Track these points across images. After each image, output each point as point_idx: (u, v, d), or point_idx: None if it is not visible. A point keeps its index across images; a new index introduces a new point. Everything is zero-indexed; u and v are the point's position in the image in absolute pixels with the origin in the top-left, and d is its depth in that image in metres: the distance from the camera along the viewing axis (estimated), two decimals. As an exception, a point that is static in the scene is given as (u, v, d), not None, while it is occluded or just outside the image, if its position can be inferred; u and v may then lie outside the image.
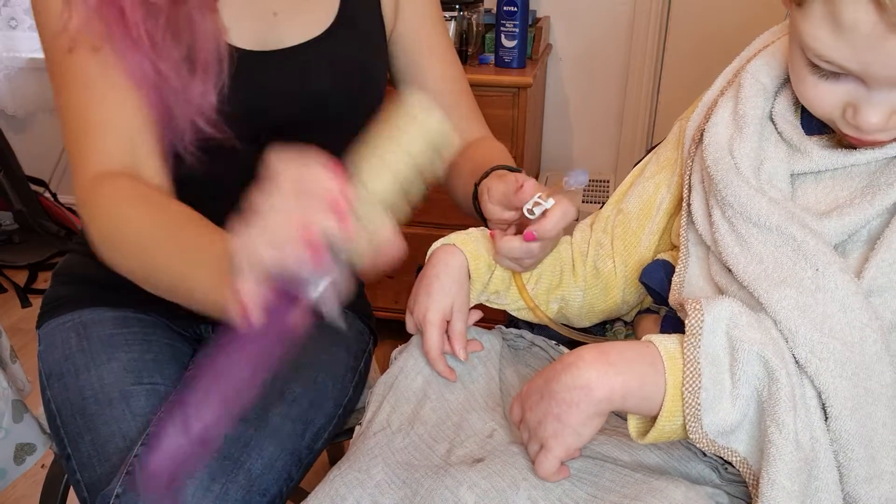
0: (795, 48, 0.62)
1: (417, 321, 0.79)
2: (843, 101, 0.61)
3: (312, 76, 0.89)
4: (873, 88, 0.58)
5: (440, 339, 0.78)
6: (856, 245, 0.65)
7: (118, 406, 0.86)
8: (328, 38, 0.90)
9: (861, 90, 0.59)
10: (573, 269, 0.84)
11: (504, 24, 1.81)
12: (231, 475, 0.77)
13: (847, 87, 0.60)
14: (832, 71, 0.59)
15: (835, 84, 0.61)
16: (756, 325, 0.61)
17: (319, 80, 0.90)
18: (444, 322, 0.79)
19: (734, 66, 0.78)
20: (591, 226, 0.87)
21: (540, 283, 0.83)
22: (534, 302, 0.82)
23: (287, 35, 0.88)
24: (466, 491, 0.63)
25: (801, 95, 0.64)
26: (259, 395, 0.84)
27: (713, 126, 0.73)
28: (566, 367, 0.62)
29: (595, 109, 2.22)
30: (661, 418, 0.61)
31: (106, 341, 0.92)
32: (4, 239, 2.54)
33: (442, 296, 0.78)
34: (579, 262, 0.84)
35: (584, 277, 0.84)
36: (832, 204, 0.66)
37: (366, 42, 0.95)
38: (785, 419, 0.57)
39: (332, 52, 0.90)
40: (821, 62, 0.59)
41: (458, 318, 0.79)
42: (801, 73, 0.62)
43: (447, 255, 0.79)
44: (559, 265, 0.84)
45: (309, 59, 0.89)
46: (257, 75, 0.86)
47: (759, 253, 0.65)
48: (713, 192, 0.70)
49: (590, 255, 0.84)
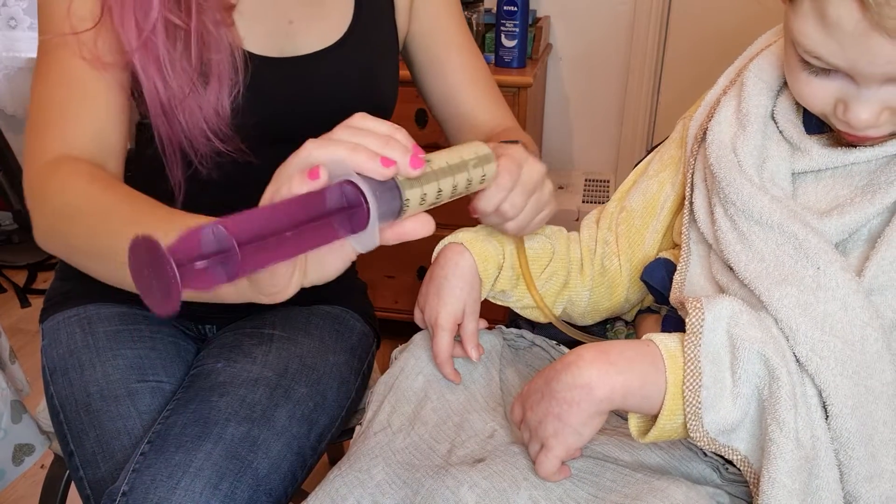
0: (788, 44, 0.63)
1: (428, 324, 0.79)
2: (835, 98, 0.61)
3: (327, 83, 0.90)
4: (862, 85, 0.59)
5: (450, 344, 0.78)
6: (856, 244, 0.65)
7: (124, 403, 0.86)
8: (343, 46, 0.91)
9: (851, 87, 0.60)
10: (581, 268, 0.84)
11: (504, 24, 1.81)
12: (238, 475, 0.77)
13: (838, 83, 0.61)
14: (822, 67, 0.60)
15: (826, 80, 0.61)
16: (757, 323, 0.61)
17: (333, 88, 0.91)
18: (456, 326, 0.79)
19: (737, 65, 0.78)
20: (596, 222, 0.86)
21: (549, 284, 0.83)
22: (542, 299, 0.82)
23: (302, 43, 0.90)
24: (467, 491, 0.63)
25: (796, 92, 0.65)
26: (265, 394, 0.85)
27: (716, 124, 0.73)
28: (566, 366, 0.62)
29: (595, 109, 2.22)
30: (662, 417, 0.61)
31: (112, 337, 0.92)
32: (4, 239, 2.54)
33: (453, 299, 0.77)
34: (588, 260, 0.84)
35: (592, 276, 0.84)
36: (832, 202, 0.66)
37: (379, 49, 0.96)
38: (786, 418, 0.57)
39: (347, 59, 0.92)
40: (811, 58, 0.60)
41: (470, 320, 0.79)
42: (794, 70, 0.63)
43: (455, 254, 0.79)
44: (567, 266, 0.83)
45: (323, 66, 0.90)
46: (272, 82, 0.86)
47: (760, 251, 0.65)
48: (716, 189, 0.70)
49: (598, 253, 0.84)
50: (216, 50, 0.79)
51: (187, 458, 0.76)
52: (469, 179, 0.63)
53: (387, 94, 0.98)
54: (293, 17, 0.89)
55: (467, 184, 0.63)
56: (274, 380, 0.88)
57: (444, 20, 1.01)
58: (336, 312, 1.03)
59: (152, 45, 0.76)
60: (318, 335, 0.97)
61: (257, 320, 0.98)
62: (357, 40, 0.92)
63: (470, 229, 0.81)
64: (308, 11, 0.90)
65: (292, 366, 0.91)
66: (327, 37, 0.91)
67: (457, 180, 0.61)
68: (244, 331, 0.96)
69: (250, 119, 0.83)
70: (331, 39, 0.91)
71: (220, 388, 0.85)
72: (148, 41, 0.76)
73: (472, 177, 0.64)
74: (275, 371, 0.89)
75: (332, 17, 0.92)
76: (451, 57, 1.01)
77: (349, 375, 0.96)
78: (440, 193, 0.59)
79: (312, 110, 0.89)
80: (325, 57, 0.90)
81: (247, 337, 0.94)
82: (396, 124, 0.57)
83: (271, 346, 0.93)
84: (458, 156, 0.63)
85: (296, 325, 0.97)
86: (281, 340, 0.94)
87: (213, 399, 0.83)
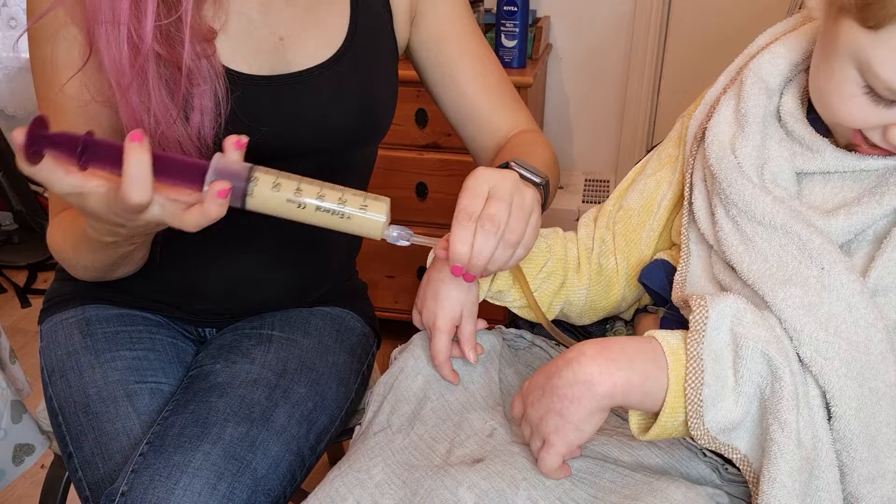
0: (848, 66, 0.60)
1: (426, 327, 0.79)
2: (887, 122, 0.60)
3: (321, 102, 0.87)
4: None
5: (448, 345, 0.78)
6: (861, 244, 0.64)
7: (122, 404, 0.86)
8: (337, 63, 0.88)
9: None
10: (578, 267, 0.84)
11: (504, 24, 1.81)
12: (237, 475, 0.77)
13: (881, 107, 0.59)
14: (891, 99, 0.58)
15: (887, 109, 0.59)
16: (761, 322, 0.61)
17: (329, 106, 0.88)
18: (454, 328, 0.78)
19: (737, 63, 0.78)
20: (594, 220, 0.86)
21: (546, 284, 0.83)
22: (535, 301, 0.82)
23: (294, 60, 0.87)
24: (466, 491, 0.63)
25: (834, 109, 0.63)
26: (264, 395, 0.85)
27: (715, 125, 0.73)
28: (568, 362, 0.62)
29: (595, 109, 2.22)
30: (663, 414, 0.60)
31: (110, 339, 0.92)
32: (4, 239, 2.54)
33: (450, 302, 0.77)
34: (584, 259, 0.84)
35: (589, 275, 0.84)
36: (839, 203, 0.66)
37: (375, 64, 0.93)
38: (787, 417, 0.57)
39: (341, 76, 0.88)
40: (883, 90, 0.58)
41: (468, 322, 0.78)
42: (848, 92, 0.60)
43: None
44: (564, 267, 0.83)
45: (316, 83, 0.87)
46: (263, 102, 0.84)
47: (763, 251, 0.65)
48: (716, 190, 0.70)
49: (595, 252, 0.84)
50: (197, 83, 0.77)
51: (186, 458, 0.76)
52: (342, 199, 0.63)
53: (385, 109, 0.95)
54: (283, 33, 0.86)
55: (339, 203, 0.63)
56: (273, 380, 0.87)
57: (453, 24, 0.97)
58: (336, 313, 1.02)
59: (140, 82, 0.75)
60: (318, 335, 0.97)
61: (256, 321, 0.98)
62: (353, 55, 0.89)
63: None
64: (299, 27, 0.87)
65: (291, 366, 0.90)
66: (321, 53, 0.88)
67: (324, 191, 0.63)
68: (243, 332, 0.96)
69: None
70: (325, 55, 0.88)
71: (219, 388, 0.85)
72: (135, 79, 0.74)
73: (347, 198, 0.64)
74: (274, 371, 0.89)
75: (326, 31, 0.89)
76: (463, 65, 0.96)
77: (349, 376, 0.96)
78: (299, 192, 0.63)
79: (306, 129, 0.87)
80: (320, 74, 0.87)
81: (246, 338, 0.94)
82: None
83: (270, 346, 0.93)
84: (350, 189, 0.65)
85: (295, 326, 0.97)
86: (280, 341, 0.94)
87: (211, 399, 0.83)
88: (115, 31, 0.72)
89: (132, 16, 0.72)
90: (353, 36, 0.90)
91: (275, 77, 0.85)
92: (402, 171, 1.81)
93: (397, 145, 1.81)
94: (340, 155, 0.93)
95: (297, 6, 0.87)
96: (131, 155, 0.58)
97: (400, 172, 1.82)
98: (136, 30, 0.72)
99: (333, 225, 0.64)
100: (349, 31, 0.90)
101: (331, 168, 0.92)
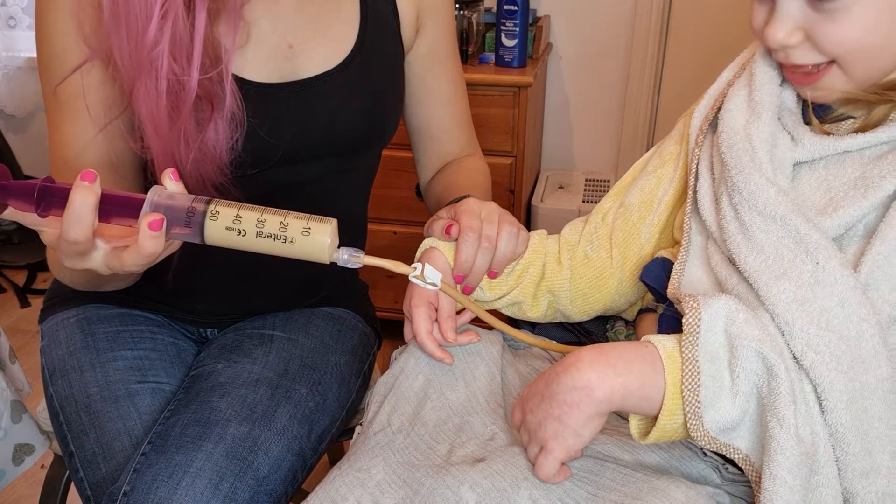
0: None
1: (405, 312, 0.80)
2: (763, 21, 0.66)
3: (330, 108, 0.88)
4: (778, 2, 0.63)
5: (427, 321, 0.78)
6: (853, 239, 0.65)
7: (124, 404, 0.86)
8: (346, 69, 0.89)
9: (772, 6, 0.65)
10: (558, 259, 0.84)
11: (504, 23, 1.81)
12: (239, 475, 0.77)
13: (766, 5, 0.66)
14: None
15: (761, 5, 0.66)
16: (754, 321, 0.61)
17: (338, 112, 0.88)
18: (431, 306, 0.79)
19: (740, 60, 0.78)
20: (584, 222, 0.87)
21: (527, 276, 0.83)
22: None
23: (304, 66, 0.87)
24: (467, 490, 0.63)
25: (757, 33, 0.69)
26: (266, 395, 0.85)
27: (728, 112, 0.73)
28: (566, 368, 0.62)
29: (595, 109, 2.22)
30: (662, 417, 0.61)
31: (111, 338, 0.92)
32: (4, 239, 2.53)
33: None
34: (565, 252, 0.85)
35: (571, 266, 0.84)
36: (825, 195, 0.66)
37: (384, 70, 0.93)
38: (785, 414, 0.57)
39: (350, 82, 0.89)
40: None
41: (445, 301, 0.79)
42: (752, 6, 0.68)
43: (430, 258, 0.81)
44: (542, 258, 0.84)
45: (325, 90, 0.87)
46: (273, 107, 0.84)
47: (760, 243, 0.65)
48: (724, 177, 0.70)
49: (580, 246, 0.84)
50: (220, 107, 0.77)
51: (188, 458, 0.76)
52: (283, 224, 0.62)
53: (392, 114, 0.96)
54: (293, 40, 0.86)
55: (281, 227, 0.62)
56: (275, 380, 0.87)
57: (445, 46, 1.00)
58: (337, 314, 1.03)
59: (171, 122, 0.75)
60: (319, 336, 0.97)
61: (258, 321, 0.98)
62: (362, 61, 0.90)
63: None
64: (309, 34, 0.87)
65: (293, 366, 0.90)
66: (330, 59, 0.88)
67: (265, 216, 0.62)
68: (245, 332, 0.96)
69: (248, 145, 0.81)
70: (334, 62, 0.88)
71: (221, 388, 0.85)
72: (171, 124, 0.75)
73: (289, 222, 0.62)
74: (275, 371, 0.89)
75: (335, 38, 0.89)
76: (443, 87, 1.01)
77: (350, 376, 0.96)
78: (238, 220, 0.62)
79: (315, 136, 0.87)
80: (329, 80, 0.88)
81: (247, 338, 0.94)
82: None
83: (272, 346, 0.93)
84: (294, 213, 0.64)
85: (296, 326, 0.97)
86: (281, 341, 0.94)
87: (213, 399, 0.83)
88: (153, 83, 0.73)
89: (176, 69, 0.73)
90: (363, 42, 0.90)
91: (284, 84, 0.85)
92: (403, 171, 1.81)
93: (399, 145, 1.80)
94: (346, 159, 0.93)
95: (305, 13, 0.87)
96: (76, 194, 0.58)
97: (401, 172, 1.82)
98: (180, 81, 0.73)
99: (277, 251, 0.63)
100: (358, 38, 0.90)
101: (335, 171, 0.92)
